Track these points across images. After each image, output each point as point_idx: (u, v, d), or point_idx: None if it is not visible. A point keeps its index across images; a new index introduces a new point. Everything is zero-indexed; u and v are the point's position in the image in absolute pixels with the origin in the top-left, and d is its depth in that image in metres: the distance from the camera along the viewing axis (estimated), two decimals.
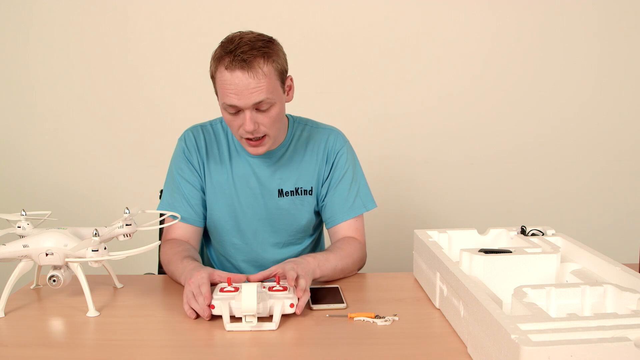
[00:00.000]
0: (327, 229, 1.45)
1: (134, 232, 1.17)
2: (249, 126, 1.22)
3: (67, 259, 1.11)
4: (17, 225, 1.17)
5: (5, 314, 1.12)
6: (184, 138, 1.42)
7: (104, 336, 1.03)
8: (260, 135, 1.27)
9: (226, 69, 1.20)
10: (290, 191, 1.40)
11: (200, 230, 1.42)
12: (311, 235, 1.50)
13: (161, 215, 1.36)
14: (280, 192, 1.40)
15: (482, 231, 1.30)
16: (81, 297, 1.16)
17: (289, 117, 1.44)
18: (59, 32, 2.26)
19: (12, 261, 1.14)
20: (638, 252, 1.39)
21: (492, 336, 0.82)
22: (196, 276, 1.10)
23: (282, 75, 1.28)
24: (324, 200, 1.44)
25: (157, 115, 2.31)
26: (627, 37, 2.31)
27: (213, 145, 1.41)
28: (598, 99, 2.36)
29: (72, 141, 2.35)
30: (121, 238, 1.17)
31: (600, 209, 2.42)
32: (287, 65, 1.31)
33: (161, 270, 1.59)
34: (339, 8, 2.27)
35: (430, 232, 1.29)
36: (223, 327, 1.03)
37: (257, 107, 1.23)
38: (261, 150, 1.30)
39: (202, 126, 1.43)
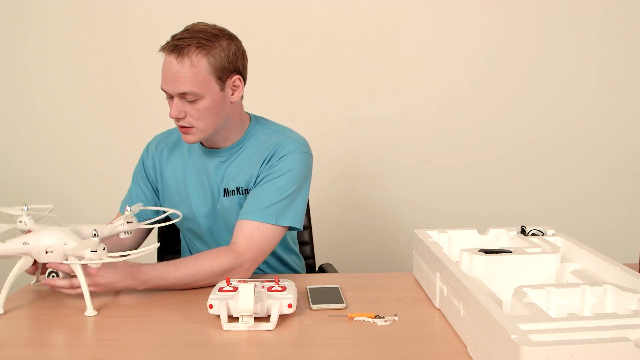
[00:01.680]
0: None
1: (134, 230, 1.17)
2: (172, 112, 1.25)
3: (65, 261, 1.11)
4: (18, 219, 1.17)
5: (5, 313, 1.12)
6: (148, 144, 1.49)
7: (102, 336, 1.03)
8: (187, 125, 1.27)
9: (164, 52, 1.24)
10: (232, 190, 1.37)
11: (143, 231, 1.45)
12: None
13: (163, 212, 1.36)
14: (226, 191, 1.38)
15: (482, 231, 1.30)
16: (81, 297, 1.15)
17: (251, 118, 1.41)
18: (58, 32, 2.26)
19: (13, 258, 1.14)
20: (638, 252, 1.39)
21: (492, 336, 0.82)
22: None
23: (220, 72, 1.25)
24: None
25: (156, 115, 2.31)
26: (630, 39, 2.31)
27: (175, 147, 1.44)
28: (598, 100, 2.36)
29: (72, 141, 2.35)
30: (122, 235, 1.17)
31: (600, 209, 2.42)
32: (236, 64, 1.28)
33: None
34: (339, 8, 2.27)
35: (430, 232, 1.29)
36: (221, 327, 1.03)
37: (183, 97, 1.24)
38: (190, 139, 1.29)
39: (170, 131, 1.49)
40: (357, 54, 2.29)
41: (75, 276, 1.12)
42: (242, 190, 1.36)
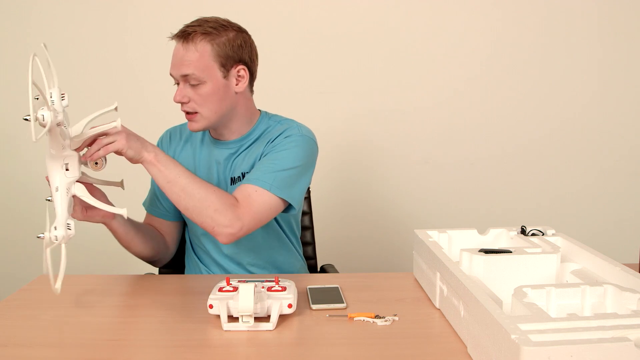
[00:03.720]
0: None
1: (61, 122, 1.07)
2: (177, 96, 1.30)
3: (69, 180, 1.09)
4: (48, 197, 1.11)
5: (4, 314, 1.12)
6: (161, 137, 1.53)
7: (102, 336, 1.03)
8: (190, 110, 1.31)
9: (174, 39, 1.30)
10: (238, 177, 1.39)
11: (170, 224, 1.48)
12: (270, 224, 1.43)
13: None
14: (233, 180, 1.40)
15: (482, 231, 1.30)
16: (81, 297, 1.16)
17: (262, 113, 1.44)
18: (58, 32, 2.26)
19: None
20: (638, 252, 1.39)
21: (492, 336, 0.82)
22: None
23: (224, 59, 1.29)
24: None
25: (157, 115, 2.31)
26: (629, 38, 2.32)
27: (188, 140, 1.47)
28: (598, 100, 2.36)
29: None
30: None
31: (600, 209, 2.42)
32: (241, 54, 1.31)
33: (161, 271, 1.59)
34: (339, 8, 2.27)
35: (430, 232, 1.29)
36: (221, 327, 1.03)
37: (186, 81, 1.28)
38: (194, 126, 1.32)
39: (180, 125, 1.52)
40: (357, 53, 2.29)
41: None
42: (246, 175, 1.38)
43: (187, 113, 1.32)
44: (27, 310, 1.14)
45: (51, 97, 1.03)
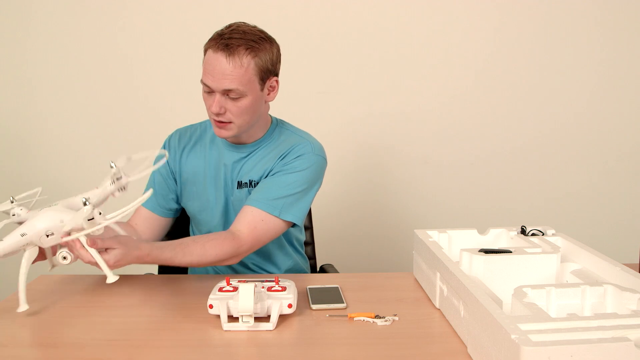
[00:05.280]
0: None
1: (127, 184, 1.12)
2: (215, 108, 1.28)
3: (65, 238, 1.06)
4: (11, 214, 1.12)
5: (4, 314, 1.12)
6: (169, 136, 1.51)
7: (102, 336, 1.03)
8: (225, 120, 1.30)
9: (211, 49, 1.26)
10: (245, 183, 1.40)
11: (158, 220, 1.46)
12: None
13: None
14: (240, 184, 1.41)
15: (482, 231, 1.30)
16: (81, 297, 1.16)
17: (273, 120, 1.46)
18: (57, 32, 2.26)
19: (17, 253, 1.10)
20: (638, 252, 1.39)
21: (492, 336, 0.82)
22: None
23: (264, 73, 1.30)
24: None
25: (156, 115, 2.31)
26: (628, 37, 2.31)
27: (197, 141, 1.47)
28: (598, 100, 2.36)
29: (71, 141, 2.35)
30: (117, 194, 1.13)
31: (600, 209, 2.42)
32: (276, 67, 1.34)
33: (161, 270, 1.59)
34: (339, 8, 2.27)
35: (430, 232, 1.29)
36: (221, 327, 1.03)
37: (227, 94, 1.27)
38: (224, 133, 1.32)
39: (191, 126, 1.51)
40: (357, 54, 2.29)
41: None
42: (254, 184, 1.39)
43: (220, 122, 1.31)
44: (27, 310, 1.14)
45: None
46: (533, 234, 1.24)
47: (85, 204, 1.02)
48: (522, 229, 1.25)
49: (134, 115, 2.33)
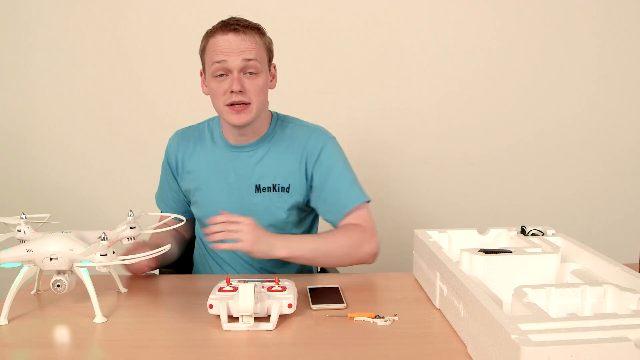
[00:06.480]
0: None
1: (138, 235, 1.17)
2: (236, 86, 1.27)
3: (75, 264, 1.09)
4: (16, 229, 1.15)
5: (8, 321, 1.12)
6: (170, 140, 1.50)
7: (102, 336, 1.03)
8: (245, 100, 1.29)
9: (218, 33, 1.28)
10: (268, 187, 1.39)
11: (189, 222, 1.51)
12: (292, 232, 1.47)
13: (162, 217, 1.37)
14: (258, 188, 1.40)
15: (482, 231, 1.30)
16: (83, 302, 1.16)
17: (272, 114, 1.45)
18: (58, 32, 2.26)
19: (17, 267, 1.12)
20: (638, 252, 1.39)
21: (492, 336, 0.82)
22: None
23: (269, 53, 1.35)
24: (319, 201, 1.41)
25: (157, 116, 2.31)
26: (627, 36, 2.31)
27: (197, 143, 1.46)
28: (598, 99, 2.36)
29: (71, 142, 2.35)
30: (125, 241, 1.17)
31: (600, 209, 2.42)
32: (273, 54, 1.38)
33: (162, 271, 1.59)
34: (339, 8, 2.27)
35: (430, 232, 1.29)
36: (221, 327, 1.03)
37: (245, 69, 1.28)
38: (244, 117, 1.31)
39: (190, 127, 1.50)
40: (357, 53, 2.29)
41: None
42: (278, 188, 1.39)
43: (238, 104, 1.30)
44: (28, 310, 1.14)
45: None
46: (533, 234, 1.24)
47: (103, 239, 1.05)
48: (522, 229, 1.25)
49: (135, 116, 2.32)
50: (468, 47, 2.31)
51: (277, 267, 1.47)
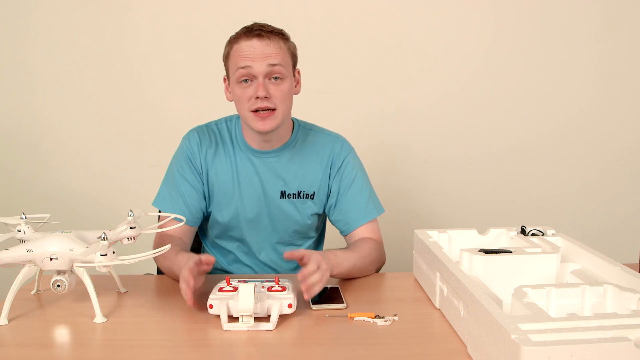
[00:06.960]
0: (344, 236, 1.45)
1: (138, 235, 1.16)
2: (261, 91, 1.26)
3: (75, 264, 1.09)
4: (16, 229, 1.14)
5: (8, 321, 1.11)
6: (188, 138, 1.41)
7: (102, 336, 1.03)
8: (271, 106, 1.28)
9: (242, 39, 1.28)
10: (293, 194, 1.40)
11: (193, 230, 1.43)
12: (311, 237, 1.50)
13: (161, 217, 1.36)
14: (283, 194, 1.40)
15: (482, 231, 1.30)
16: (82, 301, 1.16)
17: (294, 121, 1.44)
18: (59, 32, 2.26)
19: (15, 266, 1.12)
20: (638, 252, 1.39)
21: (492, 336, 0.82)
22: (185, 267, 1.11)
23: (294, 58, 1.34)
24: (334, 208, 1.43)
25: (157, 116, 2.31)
26: (627, 36, 2.31)
27: (219, 144, 1.40)
28: (598, 99, 2.36)
29: (72, 142, 2.34)
30: (125, 241, 1.16)
31: (600, 209, 2.42)
32: (297, 59, 1.37)
33: (160, 271, 1.59)
34: (339, 8, 2.27)
35: (430, 232, 1.29)
36: (221, 327, 1.03)
37: (270, 74, 1.27)
38: (269, 124, 1.29)
39: (207, 126, 1.43)
40: (357, 54, 2.29)
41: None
42: (303, 194, 1.40)
43: (264, 110, 1.28)
44: (27, 310, 1.14)
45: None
46: (533, 234, 1.24)
47: (104, 239, 1.05)
48: (522, 229, 1.25)
49: (136, 116, 2.32)
50: (468, 47, 2.31)
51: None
